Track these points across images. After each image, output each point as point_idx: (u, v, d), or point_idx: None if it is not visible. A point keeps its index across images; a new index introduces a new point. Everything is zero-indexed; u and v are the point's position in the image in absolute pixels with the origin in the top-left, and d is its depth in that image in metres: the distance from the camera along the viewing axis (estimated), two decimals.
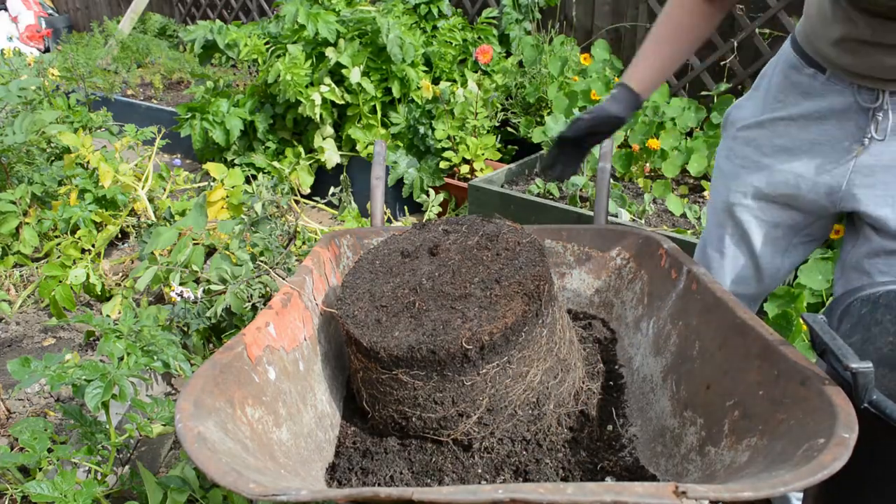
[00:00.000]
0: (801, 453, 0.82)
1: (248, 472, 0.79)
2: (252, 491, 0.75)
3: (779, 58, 1.40)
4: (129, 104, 4.90)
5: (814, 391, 0.90)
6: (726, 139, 1.49)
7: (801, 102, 1.32)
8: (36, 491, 1.30)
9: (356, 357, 1.22)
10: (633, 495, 0.72)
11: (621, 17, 3.83)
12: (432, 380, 1.13)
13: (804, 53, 1.31)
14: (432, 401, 1.14)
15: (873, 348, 1.27)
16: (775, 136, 1.37)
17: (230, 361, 1.00)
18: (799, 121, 1.32)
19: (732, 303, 1.16)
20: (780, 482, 0.75)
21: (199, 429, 0.83)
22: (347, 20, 3.58)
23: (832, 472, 0.76)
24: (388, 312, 1.21)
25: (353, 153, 3.65)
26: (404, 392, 1.15)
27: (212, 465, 0.78)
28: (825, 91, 1.28)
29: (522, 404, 1.16)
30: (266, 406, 1.04)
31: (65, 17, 8.00)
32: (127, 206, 2.91)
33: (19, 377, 1.42)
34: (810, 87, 1.30)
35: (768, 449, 0.91)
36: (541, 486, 0.73)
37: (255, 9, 5.84)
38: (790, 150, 1.35)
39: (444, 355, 1.11)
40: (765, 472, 0.85)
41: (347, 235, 1.58)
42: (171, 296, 2.00)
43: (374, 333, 1.17)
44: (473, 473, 1.14)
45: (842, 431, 0.81)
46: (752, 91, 1.46)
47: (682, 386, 1.21)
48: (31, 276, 2.73)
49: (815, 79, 1.29)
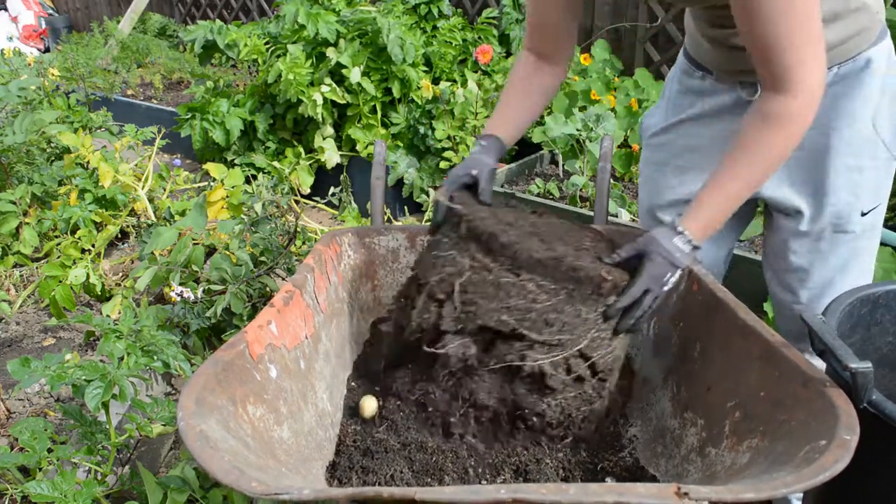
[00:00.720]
0: (803, 455, 0.82)
1: (249, 471, 0.79)
2: (254, 489, 0.75)
3: (676, 68, 1.52)
4: (129, 104, 4.90)
5: (815, 392, 0.90)
6: (643, 148, 1.60)
7: (696, 103, 1.44)
8: (36, 491, 1.30)
9: (470, 256, 1.17)
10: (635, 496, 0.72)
11: (621, 17, 3.83)
12: (558, 296, 1.10)
13: (692, 59, 1.44)
14: (543, 320, 1.10)
15: (873, 348, 1.27)
16: (681, 137, 1.47)
17: (232, 359, 1.00)
18: (699, 120, 1.44)
19: (734, 304, 1.16)
20: (782, 483, 0.75)
21: (201, 427, 0.84)
22: (348, 20, 3.58)
23: (834, 473, 0.76)
24: (516, 230, 1.18)
25: (353, 153, 3.65)
26: (521, 301, 1.11)
27: (214, 464, 0.78)
28: (715, 90, 1.40)
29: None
30: (267, 404, 1.04)
31: (65, 17, 8.00)
32: (127, 206, 2.91)
33: (19, 377, 1.42)
34: (702, 88, 1.43)
35: (769, 450, 0.91)
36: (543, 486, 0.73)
37: (255, 9, 5.84)
38: (696, 149, 1.45)
39: (584, 276, 1.09)
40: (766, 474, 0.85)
41: (349, 234, 1.58)
42: (171, 296, 2.00)
43: (509, 235, 1.15)
44: (474, 473, 1.14)
45: (843, 433, 0.81)
46: (660, 99, 1.58)
47: (682, 387, 1.22)
48: (31, 276, 2.73)
49: (705, 80, 1.42)
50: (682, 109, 1.46)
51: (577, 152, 3.09)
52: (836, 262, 1.37)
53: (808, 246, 1.38)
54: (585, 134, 2.98)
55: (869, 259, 1.42)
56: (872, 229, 1.38)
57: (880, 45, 1.28)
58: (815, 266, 1.38)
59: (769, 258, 1.49)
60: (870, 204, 1.34)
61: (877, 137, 1.30)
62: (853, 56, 1.26)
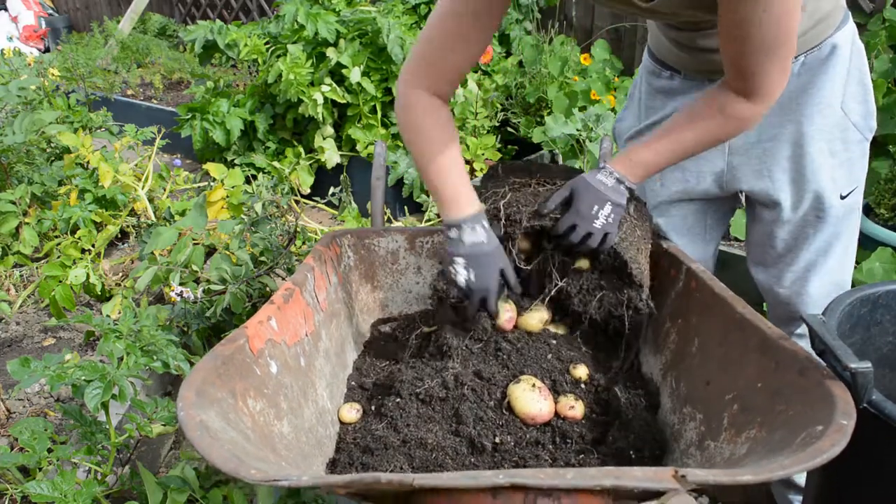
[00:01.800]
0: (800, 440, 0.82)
1: (249, 460, 0.80)
2: (253, 477, 0.75)
3: (642, 69, 1.52)
4: (129, 104, 4.90)
5: (812, 381, 0.90)
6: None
7: (667, 104, 1.44)
8: (36, 491, 1.30)
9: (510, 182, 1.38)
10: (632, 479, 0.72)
11: (621, 17, 3.83)
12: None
13: (658, 60, 1.45)
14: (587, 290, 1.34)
15: (873, 348, 1.27)
16: None
17: (232, 353, 1.00)
18: None
19: (731, 299, 1.16)
20: (779, 466, 0.75)
21: (201, 417, 0.84)
22: (348, 20, 3.58)
23: (830, 457, 0.76)
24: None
25: (353, 153, 3.65)
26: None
27: (214, 452, 0.78)
28: (685, 88, 1.41)
29: None
30: (267, 399, 1.04)
31: (65, 17, 7.99)
32: (127, 206, 2.91)
33: (19, 377, 1.41)
34: (671, 87, 1.43)
35: (767, 439, 0.92)
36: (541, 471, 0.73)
37: (255, 9, 5.84)
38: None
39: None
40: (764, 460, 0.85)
41: (348, 235, 1.58)
42: (170, 296, 2.00)
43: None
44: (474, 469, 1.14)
45: (840, 419, 0.81)
46: (629, 102, 1.58)
47: (681, 383, 1.22)
48: (31, 276, 2.73)
49: (674, 79, 1.42)
50: (654, 111, 1.47)
51: (577, 152, 3.09)
52: (819, 245, 1.40)
53: (793, 232, 1.40)
54: (585, 134, 2.98)
55: (850, 242, 1.44)
56: (852, 212, 1.40)
57: (844, 28, 1.30)
58: (799, 250, 1.41)
59: (754, 247, 1.51)
60: (847, 187, 1.36)
61: (847, 121, 1.33)
62: (818, 44, 1.28)
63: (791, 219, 1.39)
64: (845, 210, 1.37)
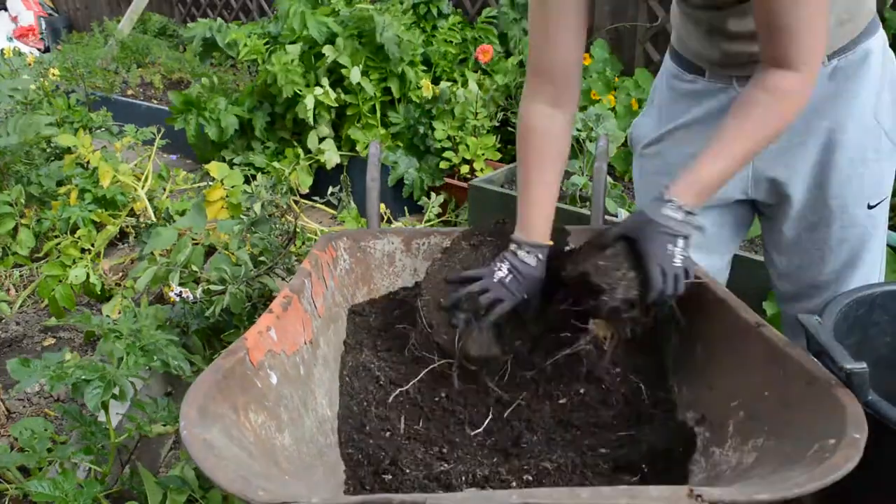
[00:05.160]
0: (812, 454, 0.82)
1: (255, 479, 0.79)
2: (261, 498, 0.74)
3: (663, 72, 1.48)
4: (129, 104, 4.89)
5: (821, 391, 0.90)
6: (635, 158, 1.55)
7: (691, 108, 1.39)
8: (37, 489, 1.30)
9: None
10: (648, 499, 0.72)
11: (621, 17, 3.82)
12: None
13: (682, 61, 1.40)
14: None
15: (870, 349, 1.27)
16: (677, 144, 1.42)
17: (233, 366, 1.00)
18: (694, 126, 1.38)
19: (735, 304, 1.16)
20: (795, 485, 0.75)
21: (205, 436, 0.83)
22: (346, 19, 3.57)
23: (845, 473, 0.76)
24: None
25: (353, 153, 3.65)
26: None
27: (219, 473, 0.78)
28: (709, 91, 1.35)
29: None
30: (269, 411, 1.04)
31: (65, 17, 7.99)
32: (126, 206, 2.91)
33: (19, 377, 1.42)
34: (695, 90, 1.38)
35: (776, 450, 0.91)
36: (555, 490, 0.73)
37: (255, 9, 5.84)
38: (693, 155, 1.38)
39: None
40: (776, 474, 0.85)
41: (344, 238, 1.57)
42: (170, 296, 2.00)
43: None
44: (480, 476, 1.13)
45: (852, 432, 0.81)
46: (648, 106, 1.53)
47: (684, 387, 1.21)
48: (30, 276, 2.74)
49: (697, 83, 1.37)
50: (675, 116, 1.43)
51: (577, 152, 3.09)
52: (845, 257, 1.37)
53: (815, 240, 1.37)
54: (585, 134, 2.98)
55: (878, 254, 1.41)
56: (880, 223, 1.38)
57: (877, 35, 1.29)
58: (824, 263, 1.38)
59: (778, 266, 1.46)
60: (876, 197, 1.33)
61: (879, 129, 1.30)
62: (852, 49, 1.26)
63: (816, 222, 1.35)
64: (873, 221, 1.34)
